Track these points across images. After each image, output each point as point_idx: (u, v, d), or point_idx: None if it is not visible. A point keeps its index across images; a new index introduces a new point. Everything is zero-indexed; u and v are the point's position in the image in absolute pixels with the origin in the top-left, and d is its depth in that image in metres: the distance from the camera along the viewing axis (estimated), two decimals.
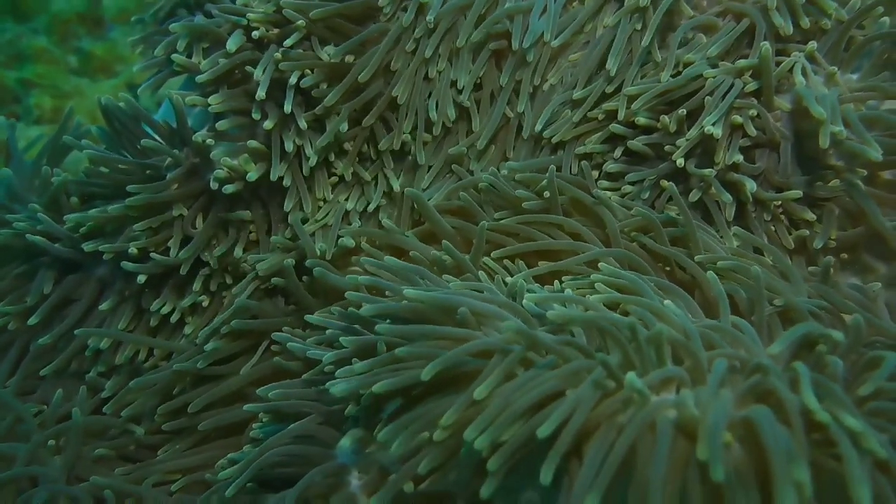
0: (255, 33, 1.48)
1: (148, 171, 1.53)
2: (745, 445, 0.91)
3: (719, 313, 1.16)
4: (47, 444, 1.37)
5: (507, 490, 1.05)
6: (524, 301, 1.13)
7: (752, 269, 1.19)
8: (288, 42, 1.46)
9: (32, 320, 1.49)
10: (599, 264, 1.27)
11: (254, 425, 1.39)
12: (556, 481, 1.01)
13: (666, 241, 1.31)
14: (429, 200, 1.45)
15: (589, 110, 1.45)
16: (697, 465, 0.89)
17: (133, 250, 1.45)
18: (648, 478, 0.88)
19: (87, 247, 1.45)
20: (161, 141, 1.52)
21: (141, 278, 1.45)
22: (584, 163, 1.44)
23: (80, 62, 2.74)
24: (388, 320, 1.13)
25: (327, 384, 1.10)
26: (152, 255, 1.47)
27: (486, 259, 1.38)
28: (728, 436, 0.90)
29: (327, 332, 1.31)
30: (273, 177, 1.47)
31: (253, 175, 1.46)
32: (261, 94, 1.44)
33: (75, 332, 1.49)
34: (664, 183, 1.39)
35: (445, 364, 1.00)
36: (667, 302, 1.15)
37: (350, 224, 1.52)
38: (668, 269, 1.33)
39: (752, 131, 1.35)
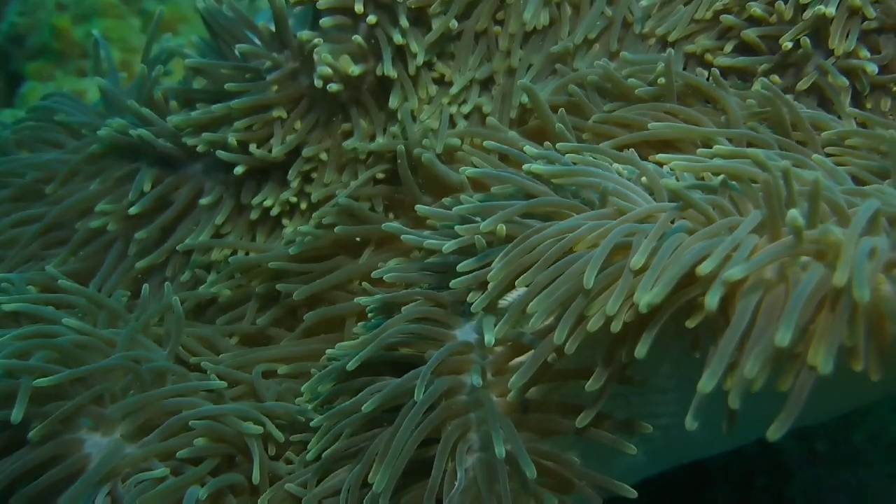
0: None
1: (248, 75, 1.52)
2: None
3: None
4: (148, 330, 1.34)
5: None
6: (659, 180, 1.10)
7: (886, 133, 1.16)
8: None
9: (133, 210, 1.48)
10: (715, 147, 1.23)
11: (358, 325, 1.37)
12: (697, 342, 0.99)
13: (799, 123, 1.27)
14: None
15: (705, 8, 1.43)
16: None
17: (232, 141, 1.44)
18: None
19: (189, 139, 1.44)
20: (260, 44, 1.52)
21: (238, 169, 1.44)
22: None
23: (144, 23, 2.76)
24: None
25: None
26: (252, 149, 1.45)
27: None
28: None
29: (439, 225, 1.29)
30: (380, 71, 1.45)
31: (356, 69, 1.45)
32: None
33: (178, 247, 1.49)
34: (774, 78, 1.37)
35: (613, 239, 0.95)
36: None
37: (455, 127, 1.50)
38: None
39: (871, 13, 1.32)
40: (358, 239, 1.44)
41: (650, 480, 1.29)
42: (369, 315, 1.29)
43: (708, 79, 1.37)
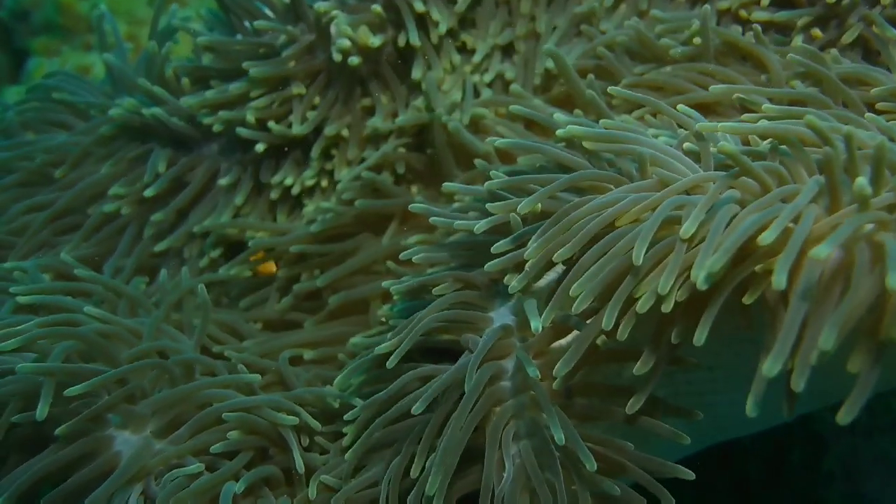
0: None
1: (262, 50, 1.46)
2: None
3: None
4: (170, 317, 1.30)
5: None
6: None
7: None
8: None
9: (148, 192, 1.43)
10: (763, 106, 1.17)
11: (384, 308, 1.32)
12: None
13: (837, 83, 1.21)
14: None
15: None
16: None
17: (251, 118, 1.39)
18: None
19: (205, 119, 1.39)
20: (274, 18, 1.46)
21: (259, 146, 1.39)
22: None
23: None
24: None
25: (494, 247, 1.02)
26: (270, 125, 1.40)
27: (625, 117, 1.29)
28: None
29: (466, 199, 1.24)
30: (402, 41, 1.39)
31: (376, 41, 1.38)
32: None
33: (195, 229, 1.45)
34: (816, 33, 1.30)
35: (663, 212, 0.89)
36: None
37: (479, 97, 1.44)
38: None
39: None
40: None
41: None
42: (395, 298, 1.24)
43: (744, 34, 1.31)
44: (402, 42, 1.40)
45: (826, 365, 0.82)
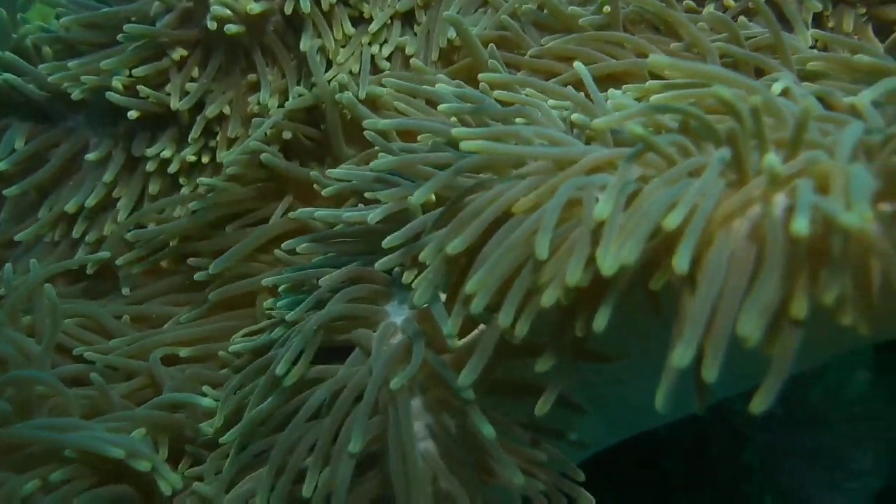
0: None
1: (133, 19, 1.32)
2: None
3: None
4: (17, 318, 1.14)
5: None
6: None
7: (853, 59, 1.03)
8: None
9: (1, 166, 1.28)
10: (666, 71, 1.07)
11: (269, 301, 1.21)
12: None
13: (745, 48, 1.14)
14: None
15: None
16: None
17: (118, 84, 1.26)
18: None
19: (72, 89, 1.25)
20: None
21: (132, 114, 1.25)
22: None
23: None
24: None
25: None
26: (145, 90, 1.27)
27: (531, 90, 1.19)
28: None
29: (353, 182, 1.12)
30: (289, 9, 1.26)
31: (256, 7, 1.26)
32: None
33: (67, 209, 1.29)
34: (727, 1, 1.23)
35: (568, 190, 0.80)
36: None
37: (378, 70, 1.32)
38: None
39: None
40: None
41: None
42: (280, 293, 1.13)
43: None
44: (289, 10, 1.27)
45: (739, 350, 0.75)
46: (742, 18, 1.20)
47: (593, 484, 0.97)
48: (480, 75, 1.10)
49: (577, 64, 1.03)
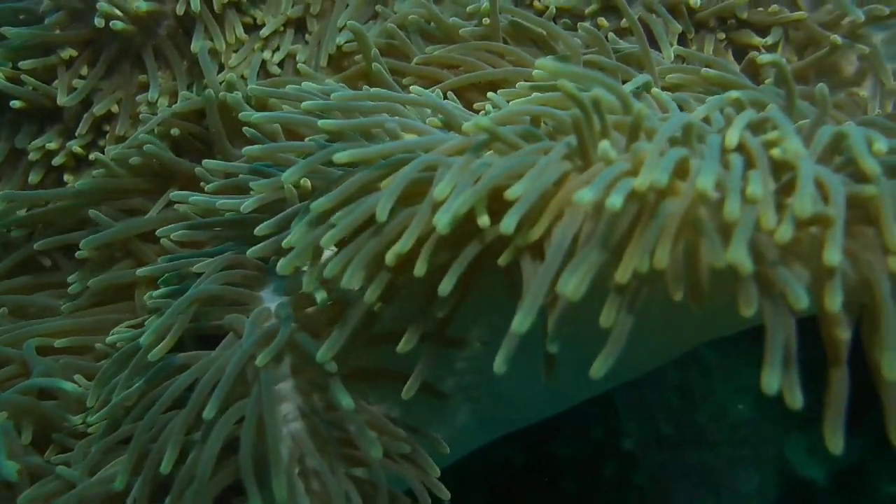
0: None
1: (22, 17, 1.33)
2: None
3: None
4: None
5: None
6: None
7: (701, 71, 1.12)
8: None
9: None
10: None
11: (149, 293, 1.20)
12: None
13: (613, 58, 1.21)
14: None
15: None
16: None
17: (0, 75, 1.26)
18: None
19: None
20: None
21: (15, 103, 1.25)
22: None
23: None
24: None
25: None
26: (30, 80, 1.27)
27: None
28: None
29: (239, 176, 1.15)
30: (181, 10, 1.29)
31: (143, 5, 1.28)
32: None
33: None
34: (602, 21, 1.31)
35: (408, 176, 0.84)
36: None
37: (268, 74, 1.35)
38: None
39: None
40: None
41: (495, 472, 1.20)
42: (159, 284, 1.13)
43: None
44: (181, 10, 1.30)
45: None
46: (612, 35, 1.28)
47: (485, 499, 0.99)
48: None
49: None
